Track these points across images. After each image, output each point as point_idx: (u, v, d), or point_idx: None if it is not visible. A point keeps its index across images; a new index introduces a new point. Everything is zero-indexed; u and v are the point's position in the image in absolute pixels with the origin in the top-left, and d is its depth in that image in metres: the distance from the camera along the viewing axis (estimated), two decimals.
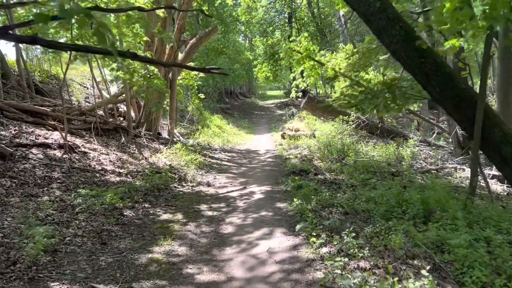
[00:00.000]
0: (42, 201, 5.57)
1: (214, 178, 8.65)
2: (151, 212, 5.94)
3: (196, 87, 16.92)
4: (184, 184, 7.89)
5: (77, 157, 8.12)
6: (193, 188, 7.71)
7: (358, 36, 21.81)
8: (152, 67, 9.19)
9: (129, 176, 7.86)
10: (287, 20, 32.27)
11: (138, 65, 8.89)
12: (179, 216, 5.81)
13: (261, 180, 8.33)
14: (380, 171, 8.25)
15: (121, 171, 8.25)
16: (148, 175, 7.71)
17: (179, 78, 15.29)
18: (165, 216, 5.77)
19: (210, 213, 6.03)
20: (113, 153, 9.43)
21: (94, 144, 9.56)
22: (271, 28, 33.17)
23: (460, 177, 9.10)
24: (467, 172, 9.44)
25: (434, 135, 14.30)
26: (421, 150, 11.75)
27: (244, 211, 6.06)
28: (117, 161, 8.93)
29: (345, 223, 4.95)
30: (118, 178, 7.66)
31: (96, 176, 7.51)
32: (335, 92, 17.56)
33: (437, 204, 5.24)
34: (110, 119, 12.07)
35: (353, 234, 4.05)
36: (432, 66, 5.59)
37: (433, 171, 9.50)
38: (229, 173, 9.36)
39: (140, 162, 9.26)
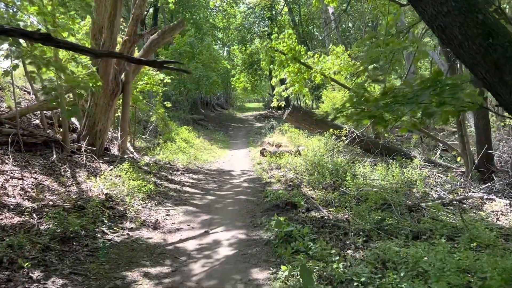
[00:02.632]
0: None
1: (166, 215, 6.19)
2: None
3: (162, 94, 14.45)
4: (118, 226, 5.40)
5: None
6: (131, 233, 5.22)
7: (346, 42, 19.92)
8: (88, 61, 6.76)
9: (35, 214, 5.31)
10: (267, 28, 30.30)
11: (65, 56, 6.47)
12: None
13: (232, 219, 5.92)
14: (396, 204, 6.03)
15: (29, 205, 5.69)
16: (61, 214, 5.18)
17: (140, 83, 12.84)
18: None
19: None
20: (32, 177, 6.87)
21: (6, 164, 7.01)
22: (249, 35, 31.16)
23: (493, 211, 6.99)
24: (499, 203, 7.35)
25: (438, 153, 12.33)
26: (429, 173, 9.63)
27: (199, 286, 3.64)
28: (32, 189, 6.38)
29: None
30: (16, 219, 5.11)
31: None
32: (322, 103, 15.44)
33: None
34: (48, 130, 9.53)
35: None
36: (506, 50, 3.43)
37: (455, 202, 7.35)
38: (190, 205, 6.90)
39: (66, 190, 6.73)
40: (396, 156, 10.73)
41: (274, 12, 28.35)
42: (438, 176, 9.67)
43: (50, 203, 5.96)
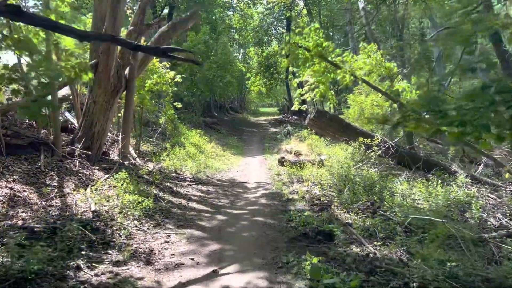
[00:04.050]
0: None
1: (165, 241, 4.90)
2: None
3: (172, 95, 13.26)
4: (100, 259, 4.13)
5: None
6: (115, 269, 3.94)
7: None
8: (74, 48, 5.55)
9: None
10: (285, 29, 29.07)
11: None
12: None
13: (248, 251, 4.59)
14: (468, 241, 4.64)
15: None
16: (24, 241, 3.93)
17: (149, 81, 11.66)
18: None
19: None
20: (7, 187, 5.71)
21: None
22: (266, 37, 29.97)
23: None
24: None
25: (480, 169, 10.80)
26: (478, 192, 8.15)
27: None
28: (4, 203, 5.20)
29: None
30: None
31: None
32: (348, 107, 14.06)
33: None
34: (43, 131, 8.46)
35: None
36: None
37: None
38: (195, 227, 5.61)
39: (47, 205, 5.52)
40: (436, 171, 9.30)
41: (293, 14, 27.12)
42: (489, 196, 8.21)
43: (19, 222, 4.74)
